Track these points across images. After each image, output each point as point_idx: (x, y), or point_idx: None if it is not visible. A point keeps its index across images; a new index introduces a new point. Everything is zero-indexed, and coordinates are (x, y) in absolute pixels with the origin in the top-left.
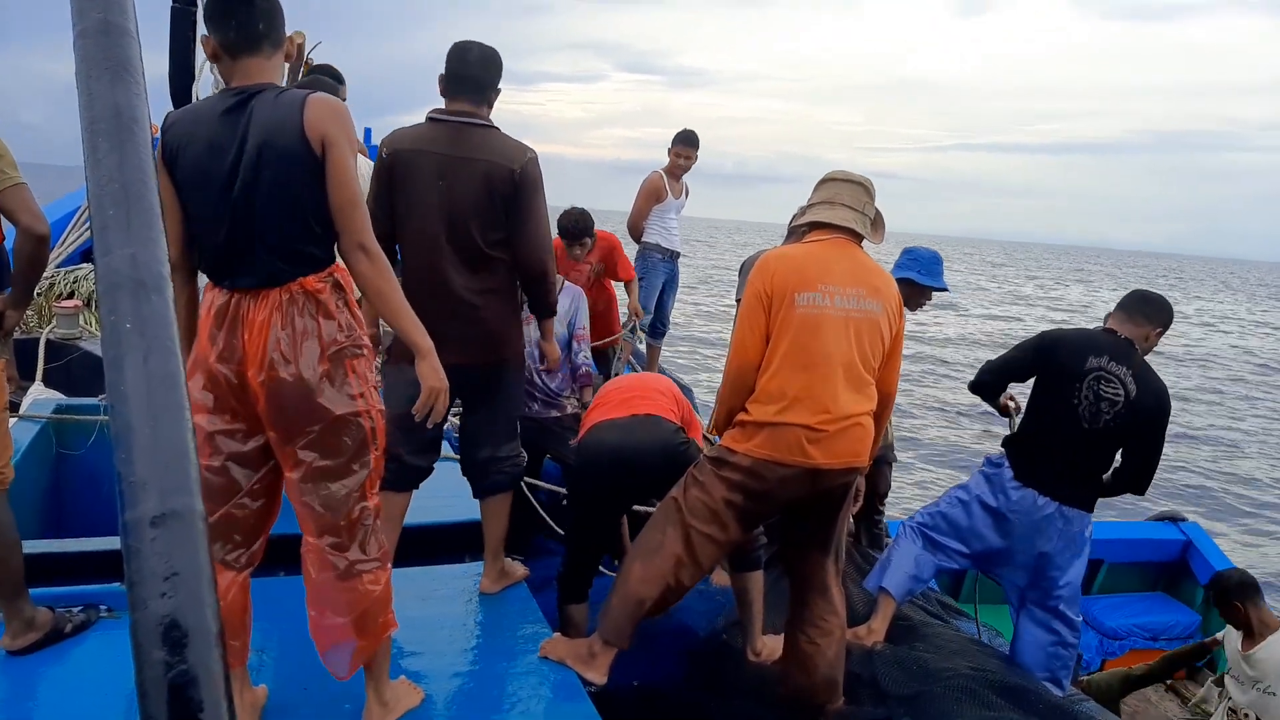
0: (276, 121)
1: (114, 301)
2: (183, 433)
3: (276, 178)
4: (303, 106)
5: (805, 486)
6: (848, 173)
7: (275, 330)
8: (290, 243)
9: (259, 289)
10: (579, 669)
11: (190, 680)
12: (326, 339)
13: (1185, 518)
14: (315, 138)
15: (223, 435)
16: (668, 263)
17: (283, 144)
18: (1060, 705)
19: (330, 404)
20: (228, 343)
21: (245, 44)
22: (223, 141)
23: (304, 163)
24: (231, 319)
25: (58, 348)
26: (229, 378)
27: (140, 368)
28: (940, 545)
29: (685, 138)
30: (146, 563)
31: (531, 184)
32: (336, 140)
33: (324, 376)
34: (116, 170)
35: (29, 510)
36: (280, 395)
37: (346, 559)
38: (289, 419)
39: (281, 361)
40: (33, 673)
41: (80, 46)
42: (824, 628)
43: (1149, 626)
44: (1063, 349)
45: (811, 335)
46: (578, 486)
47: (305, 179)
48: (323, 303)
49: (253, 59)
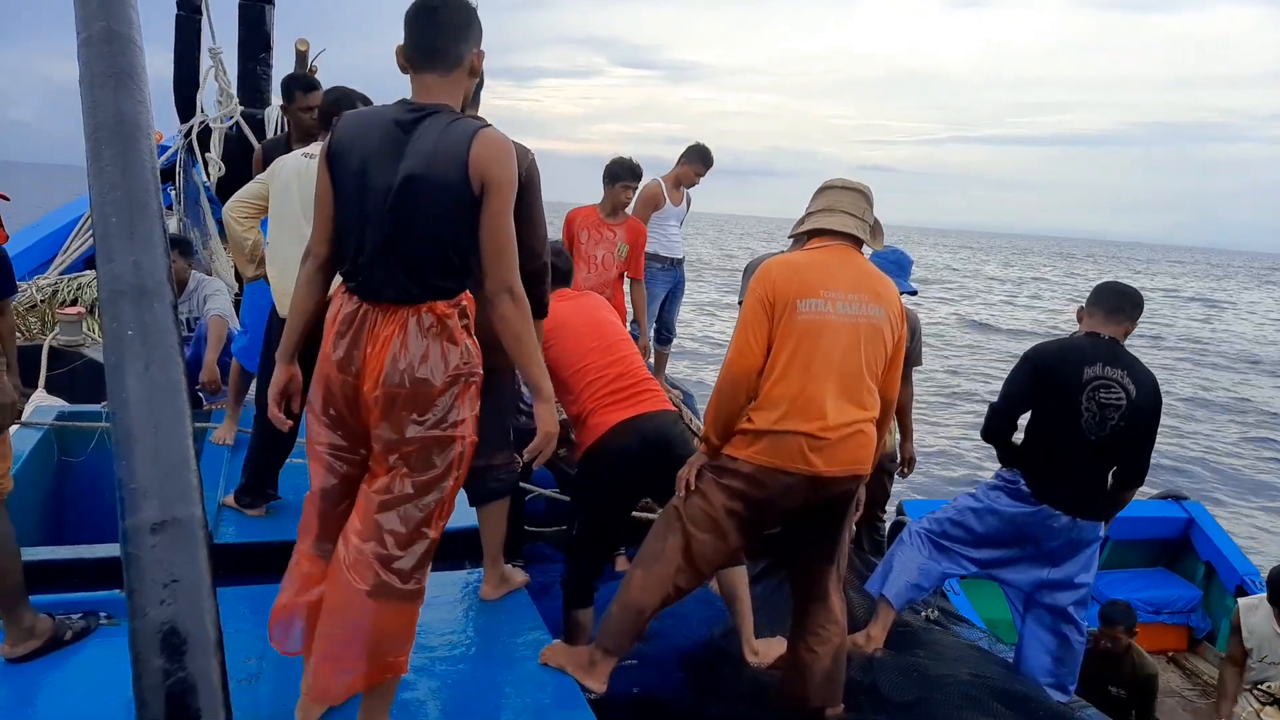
0: (443, 150)
1: (116, 309)
2: (184, 440)
3: (428, 205)
4: (471, 140)
5: (807, 494)
6: (847, 180)
7: (396, 347)
8: (428, 269)
9: (389, 304)
10: (579, 676)
11: (189, 688)
12: (447, 362)
13: (1187, 496)
14: (476, 176)
15: (332, 438)
16: (669, 271)
17: (442, 174)
18: (1061, 712)
19: (435, 425)
20: (349, 352)
21: (424, 59)
22: (385, 155)
23: (459, 198)
24: (356, 329)
25: (60, 354)
26: (344, 387)
27: (142, 375)
28: (950, 551)
29: (702, 156)
30: (146, 570)
31: (533, 186)
32: (498, 183)
33: (437, 397)
34: (120, 178)
35: (30, 517)
36: (395, 407)
37: (385, 576)
38: (393, 434)
39: (398, 378)
40: (33, 680)
41: (84, 54)
42: (823, 635)
43: (1152, 601)
44: (1056, 366)
45: (814, 342)
46: (603, 483)
47: (457, 213)
48: (449, 328)
49: (430, 74)
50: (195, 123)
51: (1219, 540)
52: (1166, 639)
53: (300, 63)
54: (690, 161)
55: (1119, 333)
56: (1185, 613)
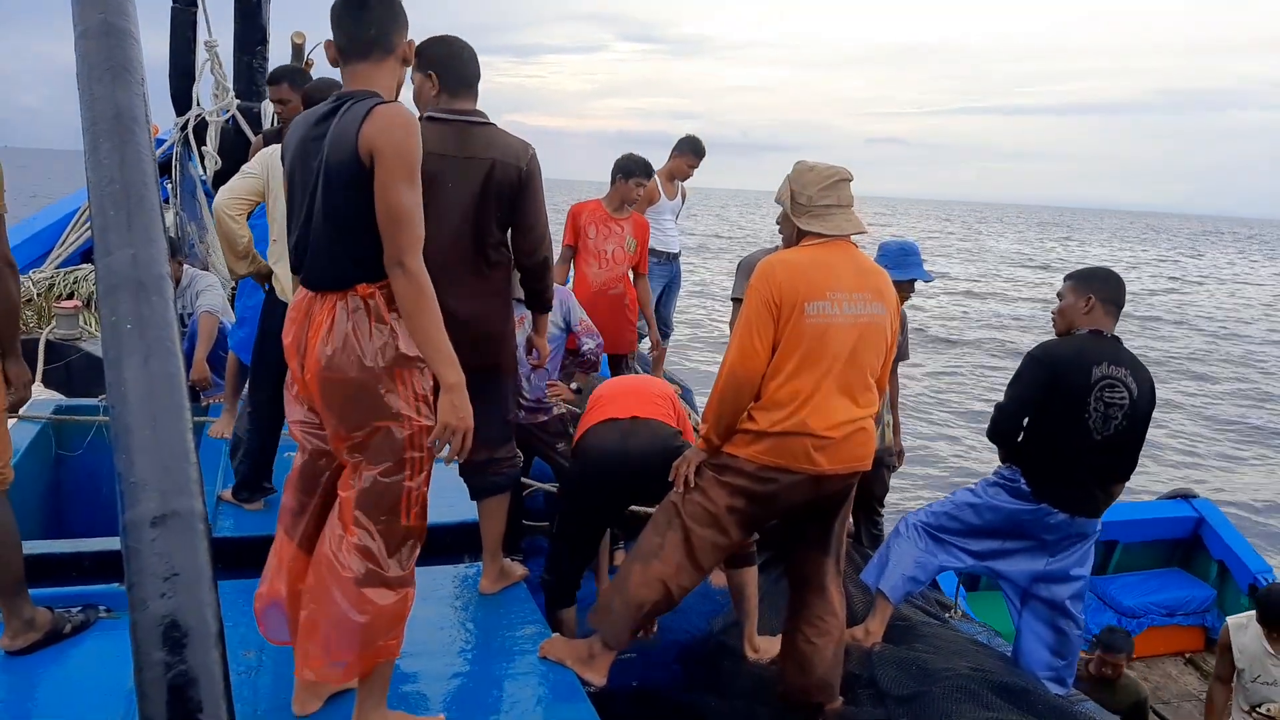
0: (341, 131)
1: (114, 302)
2: (183, 433)
3: (334, 189)
4: (364, 117)
5: (809, 492)
6: (839, 170)
7: (324, 332)
8: (343, 252)
9: (322, 291)
10: (578, 670)
11: (190, 680)
12: (374, 345)
13: (1197, 494)
14: (365, 150)
15: (305, 415)
16: (664, 265)
17: (340, 155)
18: (1060, 705)
19: (373, 411)
20: (297, 337)
21: (356, 49)
22: (310, 147)
23: (354, 176)
24: (304, 317)
25: (57, 348)
26: (299, 371)
27: (141, 369)
28: (946, 544)
29: (694, 147)
30: (146, 563)
31: (535, 180)
32: (384, 153)
33: (366, 383)
34: (117, 171)
35: (28, 511)
36: (327, 394)
37: (370, 564)
38: (336, 418)
39: (329, 362)
40: (32, 673)
41: (81, 47)
42: (822, 628)
43: (1165, 603)
44: (1065, 367)
45: (821, 344)
46: (574, 487)
47: (356, 193)
48: (373, 308)
49: (363, 64)
50: (191, 116)
51: (1230, 538)
52: (1182, 640)
53: (296, 55)
54: (682, 153)
55: (1112, 326)
56: (1200, 613)
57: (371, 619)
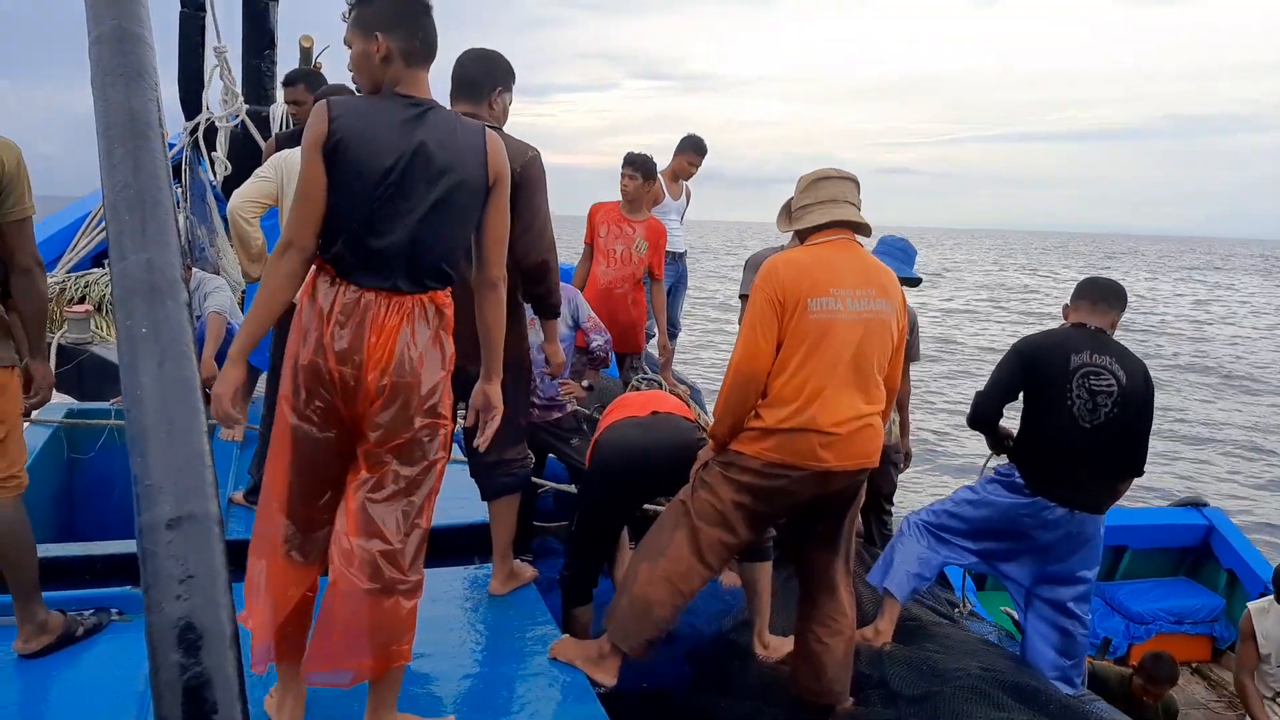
0: (462, 146)
1: (130, 307)
2: (198, 436)
3: (455, 199)
4: (484, 138)
5: (816, 488)
6: (840, 170)
7: (405, 336)
8: (443, 260)
9: (392, 293)
10: (588, 671)
11: (205, 682)
12: (446, 354)
13: (1208, 503)
14: (492, 172)
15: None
16: (671, 265)
17: (466, 170)
18: (1072, 705)
19: (429, 415)
20: (351, 342)
21: (425, 56)
22: (396, 148)
23: (478, 192)
24: (359, 318)
25: (68, 352)
26: (343, 378)
27: (156, 372)
28: (948, 542)
29: (695, 145)
30: (162, 565)
31: (533, 183)
32: (504, 178)
33: (436, 388)
34: (132, 176)
35: (40, 514)
36: (395, 400)
37: (389, 573)
38: (394, 424)
39: (408, 367)
40: (45, 676)
41: (95, 53)
42: (833, 627)
43: (1174, 610)
44: (1043, 354)
45: (825, 340)
46: (595, 482)
47: (473, 206)
48: (446, 318)
49: (424, 72)
50: (200, 120)
51: (1240, 547)
52: (1190, 649)
53: (304, 59)
54: (684, 152)
55: (1105, 323)
56: (1208, 622)
57: (390, 626)
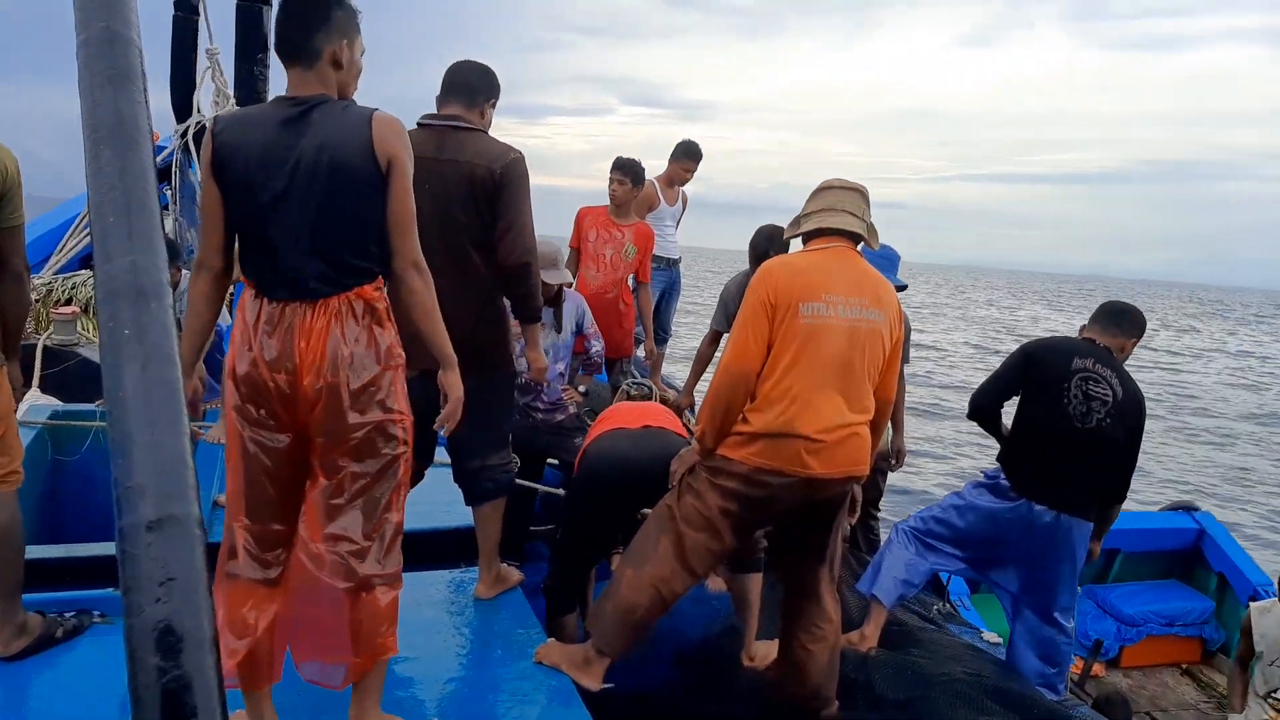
0: (342, 136)
1: (114, 309)
2: (180, 439)
3: (340, 191)
4: (370, 123)
5: (802, 495)
6: (845, 180)
7: (334, 338)
8: (349, 255)
9: (315, 298)
10: (574, 675)
11: (184, 686)
12: (382, 347)
13: (1199, 507)
14: (382, 156)
15: (257, 434)
16: (665, 271)
17: (348, 159)
18: (1055, 710)
19: (377, 411)
20: (281, 351)
21: (282, 51)
22: (280, 151)
23: (368, 179)
24: (286, 327)
25: (54, 354)
26: (278, 386)
27: (139, 375)
28: (935, 549)
29: (689, 150)
30: (142, 568)
31: (514, 183)
32: (400, 159)
33: (374, 383)
34: (118, 178)
35: (24, 516)
36: (335, 401)
37: (363, 569)
38: (339, 425)
39: (339, 368)
40: (24, 678)
41: (83, 55)
42: (817, 634)
43: (1164, 613)
44: (1047, 353)
45: (815, 345)
46: (581, 492)
47: (368, 195)
48: (378, 312)
49: (301, 68)
50: (192, 123)
51: (1231, 551)
52: (1179, 651)
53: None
54: (678, 159)
55: (1114, 345)
56: (1198, 624)
57: (372, 620)
